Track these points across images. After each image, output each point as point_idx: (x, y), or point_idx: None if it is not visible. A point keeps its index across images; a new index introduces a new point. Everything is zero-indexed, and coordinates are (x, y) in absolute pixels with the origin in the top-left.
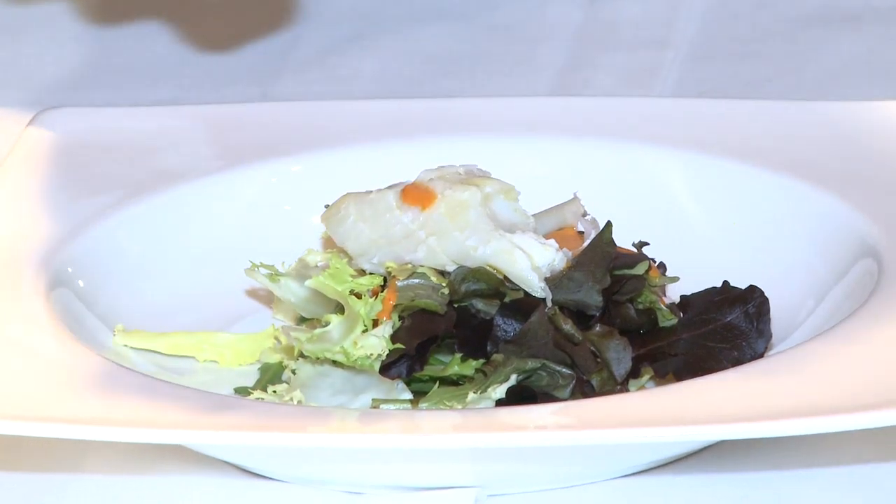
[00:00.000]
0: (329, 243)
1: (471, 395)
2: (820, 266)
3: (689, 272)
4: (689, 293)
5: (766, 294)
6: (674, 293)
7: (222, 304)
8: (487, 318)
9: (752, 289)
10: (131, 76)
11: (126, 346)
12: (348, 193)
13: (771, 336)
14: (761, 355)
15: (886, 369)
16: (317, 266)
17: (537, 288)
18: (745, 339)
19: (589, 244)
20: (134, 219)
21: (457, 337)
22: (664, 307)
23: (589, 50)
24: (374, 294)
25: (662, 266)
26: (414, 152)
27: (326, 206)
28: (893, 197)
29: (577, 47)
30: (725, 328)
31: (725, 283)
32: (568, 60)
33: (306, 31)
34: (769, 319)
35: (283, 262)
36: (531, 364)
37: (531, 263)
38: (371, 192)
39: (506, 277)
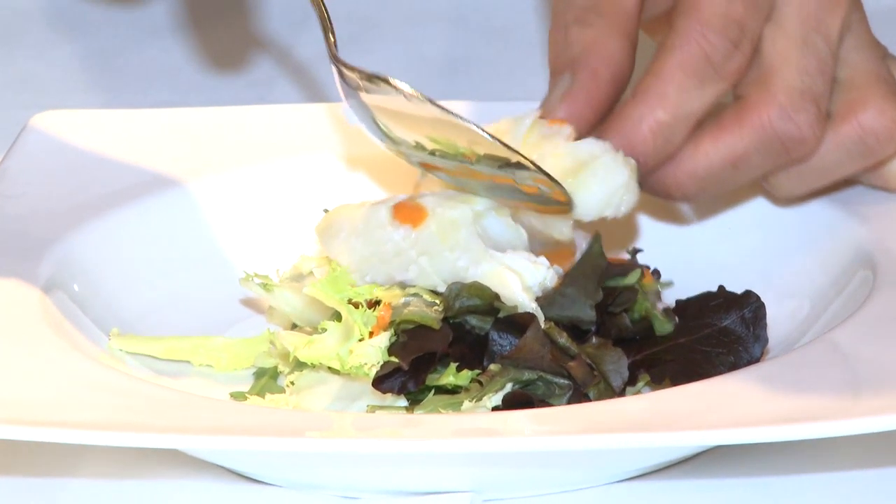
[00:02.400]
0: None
1: (466, 404)
2: (816, 270)
3: (685, 277)
4: (685, 298)
5: (763, 299)
6: (670, 297)
7: (218, 307)
8: (482, 333)
9: (749, 293)
10: (127, 79)
11: (121, 349)
12: (342, 206)
13: (767, 341)
14: (758, 360)
15: (882, 374)
16: (311, 273)
17: (529, 308)
18: (742, 343)
19: (580, 259)
20: (129, 222)
21: (453, 354)
22: (659, 314)
23: None
24: (371, 305)
25: (657, 273)
26: None
27: (325, 211)
28: (890, 203)
29: None
30: (722, 333)
31: (721, 287)
32: None
33: (303, 36)
34: (765, 324)
35: (278, 270)
36: (528, 375)
37: (522, 284)
38: (364, 204)
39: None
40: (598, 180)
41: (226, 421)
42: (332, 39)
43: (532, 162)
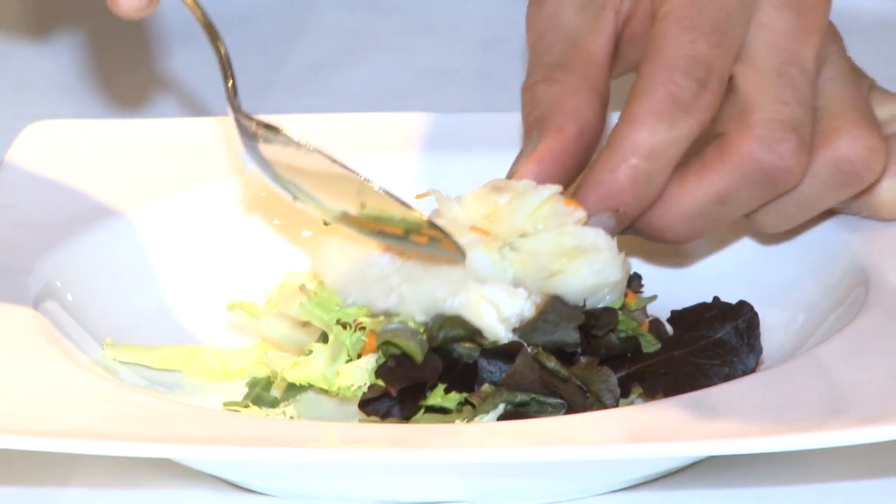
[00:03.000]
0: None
1: (457, 423)
2: (809, 281)
3: (679, 288)
4: (680, 309)
5: (756, 309)
6: (666, 309)
7: (212, 316)
8: (471, 361)
9: (742, 304)
10: (121, 89)
11: (115, 359)
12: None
13: (762, 350)
14: (753, 370)
15: (876, 385)
16: (300, 288)
17: (504, 339)
18: (736, 354)
19: None
20: (123, 232)
21: (444, 385)
22: (646, 332)
23: None
24: (360, 327)
25: (637, 277)
26: (403, 167)
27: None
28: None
29: None
30: (716, 344)
31: (716, 298)
32: None
33: (297, 46)
34: (759, 334)
35: (266, 289)
36: (521, 397)
37: (499, 315)
38: None
39: None
40: (592, 271)
41: (219, 431)
42: (232, 86)
43: (422, 215)
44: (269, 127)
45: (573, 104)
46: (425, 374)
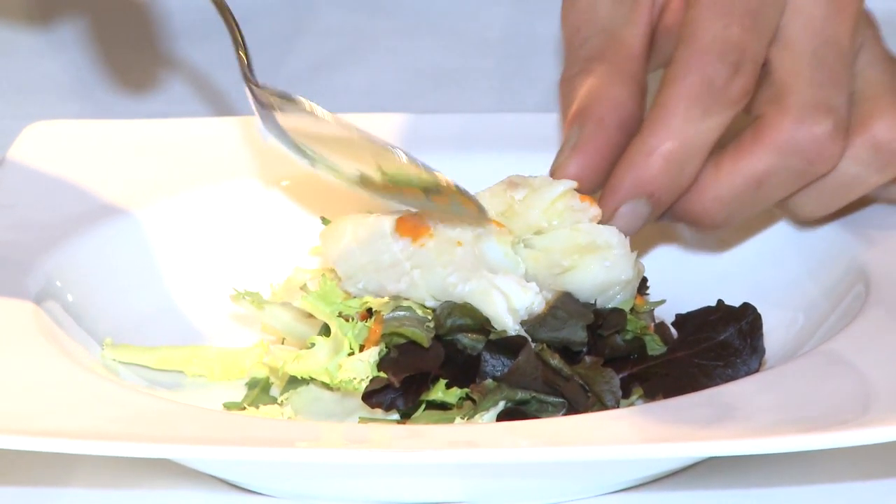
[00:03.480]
0: (321, 261)
1: (458, 421)
2: (809, 281)
3: (680, 290)
4: (684, 312)
5: (759, 311)
6: (670, 312)
7: (212, 316)
8: (474, 353)
9: (746, 306)
10: (122, 89)
11: (115, 359)
12: (350, 214)
13: (764, 352)
14: (755, 371)
15: (881, 386)
16: (304, 286)
17: (512, 329)
18: (739, 356)
19: None
20: (123, 231)
21: (445, 374)
22: (653, 333)
23: None
24: (363, 318)
25: (643, 279)
26: None
27: (322, 219)
28: (884, 216)
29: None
30: (719, 346)
31: (720, 301)
32: (557, 76)
33: (297, 46)
34: (762, 335)
35: (272, 284)
36: (521, 395)
37: (508, 305)
38: (371, 215)
39: None
40: (604, 268)
41: (219, 431)
42: (245, 58)
43: (443, 176)
44: (284, 97)
45: (612, 95)
46: (427, 362)
